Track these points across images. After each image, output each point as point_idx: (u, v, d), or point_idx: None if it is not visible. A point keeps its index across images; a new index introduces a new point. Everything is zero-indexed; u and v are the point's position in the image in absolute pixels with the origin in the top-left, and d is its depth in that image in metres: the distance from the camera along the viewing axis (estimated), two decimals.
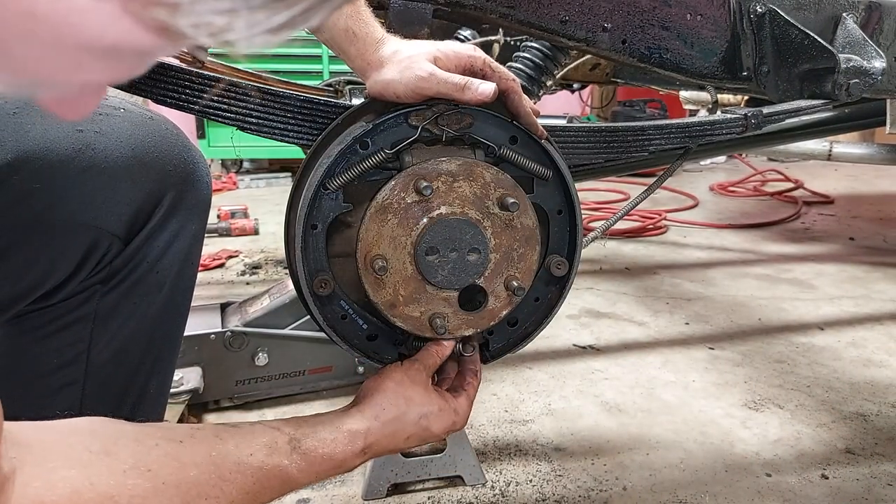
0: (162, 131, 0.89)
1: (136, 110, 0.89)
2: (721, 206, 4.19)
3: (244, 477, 0.65)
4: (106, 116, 0.84)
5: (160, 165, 0.86)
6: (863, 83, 1.08)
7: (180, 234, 0.90)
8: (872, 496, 1.38)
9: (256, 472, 0.67)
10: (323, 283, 0.86)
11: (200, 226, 0.95)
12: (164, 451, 0.60)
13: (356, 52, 0.88)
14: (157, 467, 0.58)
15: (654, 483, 1.43)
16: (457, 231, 0.83)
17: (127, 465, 0.56)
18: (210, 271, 2.89)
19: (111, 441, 0.58)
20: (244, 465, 0.66)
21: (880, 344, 2.14)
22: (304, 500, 1.38)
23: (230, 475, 0.64)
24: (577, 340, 2.17)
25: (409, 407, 0.82)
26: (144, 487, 0.56)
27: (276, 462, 0.69)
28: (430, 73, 0.82)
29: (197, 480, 0.61)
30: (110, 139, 0.82)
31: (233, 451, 0.66)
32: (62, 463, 0.53)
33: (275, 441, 0.71)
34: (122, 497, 0.54)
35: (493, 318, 0.89)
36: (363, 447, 0.77)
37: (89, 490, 0.52)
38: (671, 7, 1.07)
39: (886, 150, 2.54)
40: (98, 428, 0.59)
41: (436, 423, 0.84)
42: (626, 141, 1.04)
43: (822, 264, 2.98)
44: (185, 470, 0.61)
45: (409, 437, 0.82)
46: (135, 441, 0.59)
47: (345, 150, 0.82)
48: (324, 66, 4.71)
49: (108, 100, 0.87)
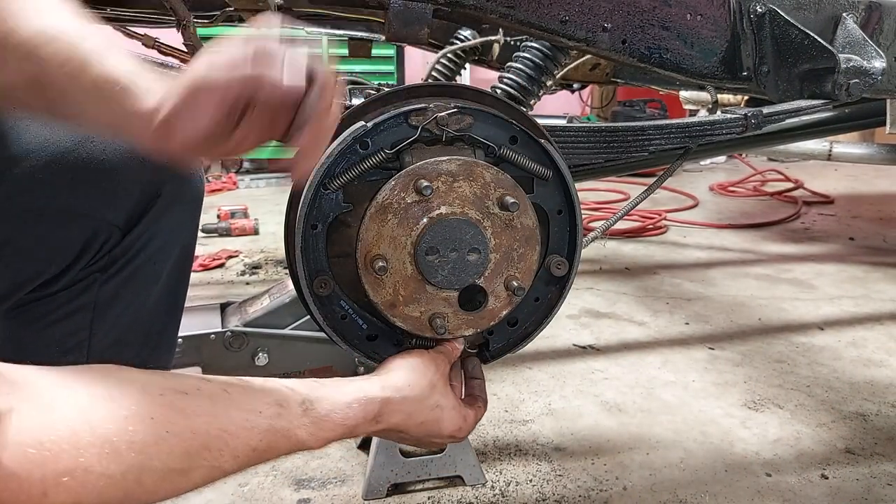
0: None
1: None
2: (721, 206, 4.19)
3: (250, 434, 0.63)
4: None
5: (155, 159, 0.87)
6: (863, 83, 1.08)
7: (178, 226, 0.91)
8: (872, 496, 1.38)
9: (264, 431, 0.65)
10: (323, 283, 0.86)
11: (196, 219, 0.96)
12: (168, 401, 0.58)
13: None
14: (160, 416, 0.56)
15: (654, 483, 1.43)
16: (457, 231, 0.83)
17: (129, 411, 0.55)
18: (210, 271, 2.90)
19: (115, 386, 0.56)
20: (252, 423, 0.64)
21: (880, 344, 2.14)
22: (305, 500, 1.38)
23: (236, 430, 0.62)
24: (577, 340, 2.17)
25: (431, 392, 0.81)
26: (145, 434, 0.55)
27: (284, 424, 0.67)
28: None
29: (200, 431, 0.59)
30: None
31: (241, 407, 0.64)
32: (62, 404, 0.51)
33: (286, 400, 0.68)
34: (121, 442, 0.53)
35: (493, 318, 0.89)
36: (376, 415, 0.75)
37: (88, 433, 0.51)
38: (671, 7, 1.07)
39: (886, 150, 2.55)
40: (103, 373, 0.58)
41: (447, 419, 0.83)
42: (626, 141, 1.04)
43: (822, 264, 2.98)
44: (189, 420, 0.59)
45: (421, 424, 0.80)
46: (140, 389, 0.58)
47: (345, 149, 0.82)
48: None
49: None
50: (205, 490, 1.44)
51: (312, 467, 1.49)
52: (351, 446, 1.56)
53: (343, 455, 1.54)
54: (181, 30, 1.43)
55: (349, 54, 2.03)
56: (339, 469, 1.49)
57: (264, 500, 1.38)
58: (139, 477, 0.54)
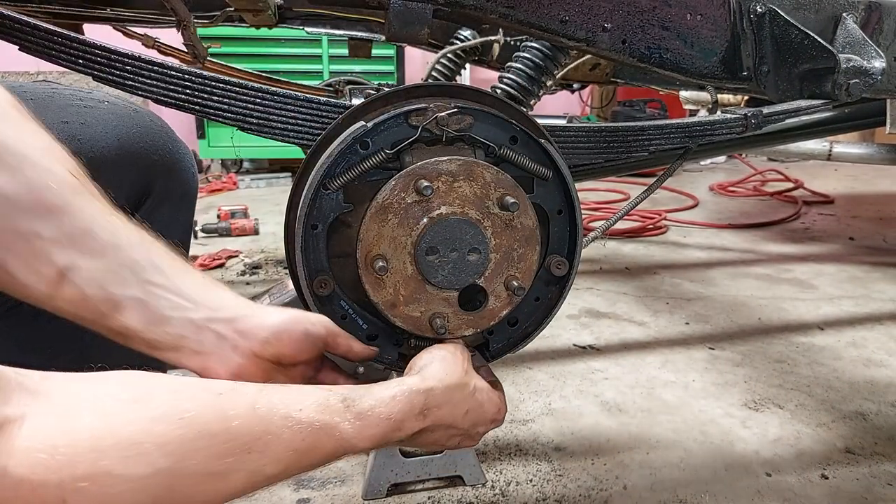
0: (146, 123, 0.89)
1: (121, 103, 0.89)
2: (721, 206, 4.19)
3: (293, 433, 0.59)
4: (91, 109, 0.84)
5: (146, 155, 0.87)
6: (863, 83, 1.08)
7: (171, 223, 0.91)
8: (872, 496, 1.38)
9: (306, 428, 0.60)
10: (323, 283, 0.86)
11: (189, 216, 0.95)
12: (202, 401, 0.55)
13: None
14: (192, 416, 0.53)
15: (654, 482, 1.43)
16: (457, 231, 0.83)
17: (157, 412, 0.52)
18: (210, 271, 2.90)
19: (143, 389, 0.53)
20: (293, 420, 0.60)
21: (880, 344, 2.14)
22: (305, 500, 1.38)
23: (277, 430, 0.58)
24: (577, 340, 2.17)
25: (469, 376, 0.77)
26: (177, 434, 0.51)
27: (328, 419, 0.62)
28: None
29: (239, 432, 0.55)
30: (95, 130, 0.83)
31: (280, 406, 0.60)
32: (84, 409, 0.49)
33: (327, 399, 0.64)
34: (149, 444, 0.50)
35: (493, 318, 0.89)
36: (422, 408, 0.70)
37: (110, 436, 0.48)
38: (671, 7, 1.07)
39: (886, 150, 2.55)
40: (129, 378, 0.55)
41: (487, 402, 0.79)
42: (626, 141, 1.04)
43: (822, 264, 2.98)
44: (226, 421, 0.55)
45: (467, 413, 0.76)
46: (170, 391, 0.55)
47: (345, 150, 0.82)
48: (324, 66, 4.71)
49: (92, 93, 0.88)
50: None
51: None
52: None
53: None
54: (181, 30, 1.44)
55: (349, 54, 2.03)
56: (339, 469, 1.49)
57: (264, 500, 1.38)
58: (170, 481, 0.51)
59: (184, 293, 0.71)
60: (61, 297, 0.65)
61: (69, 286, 0.65)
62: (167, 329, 0.69)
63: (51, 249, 0.63)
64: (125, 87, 0.88)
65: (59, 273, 0.64)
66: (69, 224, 0.65)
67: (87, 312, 0.66)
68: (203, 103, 0.89)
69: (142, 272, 0.68)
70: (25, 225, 0.62)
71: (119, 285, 0.67)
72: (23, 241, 0.62)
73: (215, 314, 0.72)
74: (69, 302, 0.65)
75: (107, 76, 0.88)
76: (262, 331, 0.74)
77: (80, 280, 0.65)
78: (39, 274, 0.64)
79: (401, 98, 0.89)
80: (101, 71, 0.88)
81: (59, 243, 0.64)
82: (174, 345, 0.70)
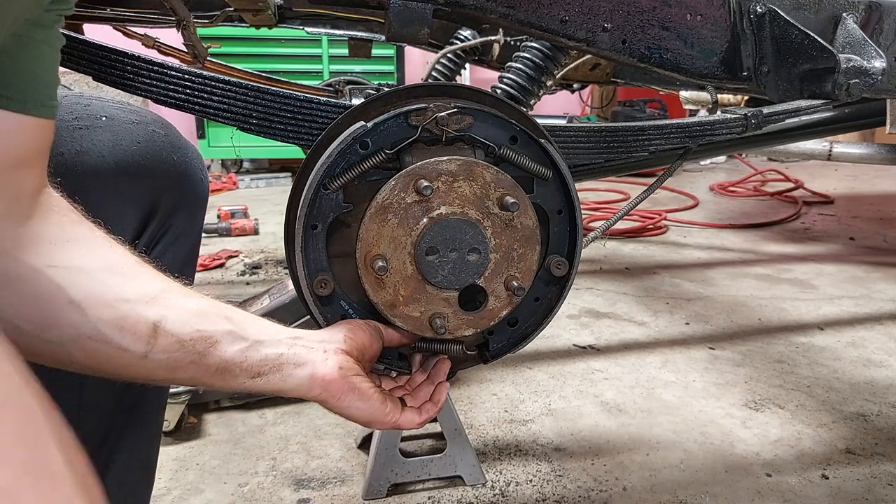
0: (148, 136, 0.87)
1: (121, 116, 0.86)
2: (721, 206, 4.19)
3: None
4: (87, 130, 0.83)
5: (148, 172, 0.85)
6: (863, 83, 1.08)
7: (181, 234, 0.90)
8: (873, 496, 1.38)
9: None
10: (323, 283, 0.86)
11: (200, 221, 0.95)
12: None
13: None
14: None
15: (654, 483, 1.43)
16: (457, 231, 0.83)
17: None
18: (210, 271, 2.90)
19: None
20: None
21: (880, 344, 2.14)
22: (304, 500, 1.38)
23: None
24: (577, 340, 2.17)
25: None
26: None
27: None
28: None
29: None
30: (92, 157, 0.81)
31: None
32: None
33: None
34: None
35: (493, 318, 0.89)
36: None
37: None
38: (671, 7, 1.07)
39: (886, 150, 2.54)
40: None
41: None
42: (626, 141, 1.04)
43: (822, 264, 2.98)
44: None
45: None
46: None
47: (345, 150, 0.82)
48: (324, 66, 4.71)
49: (91, 106, 0.86)
50: (205, 490, 1.45)
51: (312, 467, 1.49)
52: (351, 446, 1.56)
53: (343, 455, 1.54)
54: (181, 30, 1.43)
55: (349, 54, 2.03)
56: (338, 469, 1.49)
57: (264, 500, 1.38)
58: None
59: (262, 322, 0.75)
60: (158, 349, 0.68)
61: (164, 336, 0.68)
62: (264, 351, 0.73)
63: (139, 309, 0.67)
64: (125, 87, 0.88)
65: (152, 327, 0.67)
66: (148, 284, 0.69)
67: (184, 355, 0.69)
68: (203, 103, 0.89)
69: (222, 311, 0.72)
70: (111, 294, 0.66)
71: (209, 323, 0.70)
72: (112, 308, 0.66)
73: (293, 332, 0.77)
74: (165, 351, 0.68)
75: (107, 76, 0.88)
76: (337, 333, 0.79)
77: (172, 327, 0.68)
78: (135, 333, 0.67)
79: (401, 98, 0.89)
80: (101, 71, 0.88)
81: (144, 301, 0.67)
82: (276, 364, 0.73)
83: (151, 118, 0.90)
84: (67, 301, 0.65)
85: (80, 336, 0.65)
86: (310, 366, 0.74)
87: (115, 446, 0.87)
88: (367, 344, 0.81)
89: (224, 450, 1.56)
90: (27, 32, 0.60)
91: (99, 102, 0.87)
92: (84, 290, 0.65)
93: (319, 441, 1.59)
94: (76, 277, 0.65)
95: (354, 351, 0.79)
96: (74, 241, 0.67)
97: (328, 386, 0.74)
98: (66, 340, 0.65)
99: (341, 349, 0.78)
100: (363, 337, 0.81)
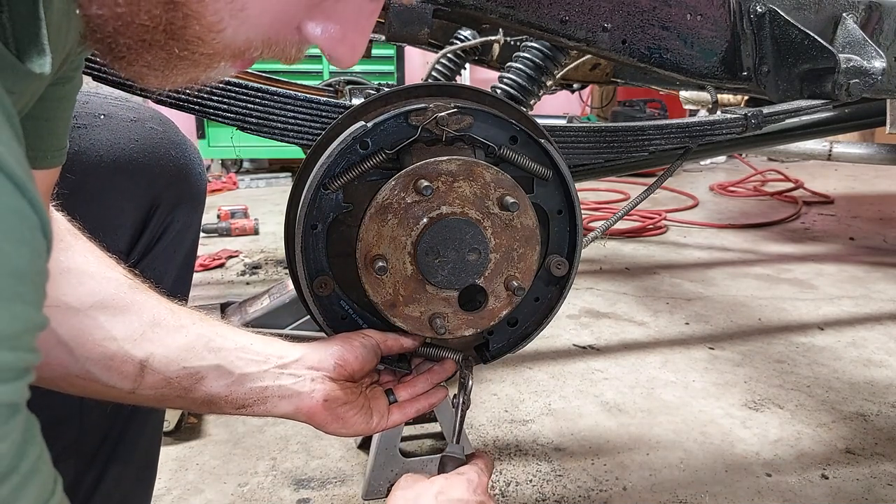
0: (146, 133, 0.87)
1: (119, 113, 0.86)
2: (721, 206, 4.19)
3: None
4: (85, 129, 0.83)
5: (147, 169, 0.85)
6: (863, 83, 1.08)
7: (183, 229, 0.91)
8: (872, 496, 1.38)
9: None
10: (323, 283, 0.86)
11: (199, 216, 0.95)
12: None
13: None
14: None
15: (654, 483, 1.43)
16: (457, 231, 0.83)
17: None
18: (210, 271, 2.90)
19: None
20: None
21: (880, 344, 2.14)
22: (304, 500, 1.38)
23: None
24: (577, 340, 2.17)
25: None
26: None
27: None
28: None
29: None
30: (90, 156, 0.81)
31: None
32: None
33: None
34: None
35: (493, 318, 0.89)
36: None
37: None
38: (671, 7, 1.07)
39: (886, 150, 2.54)
40: None
41: None
42: (626, 141, 1.04)
43: (822, 264, 2.98)
44: None
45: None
46: None
47: (345, 150, 0.82)
48: (324, 66, 4.71)
49: (89, 103, 0.85)
50: (204, 490, 1.45)
51: (312, 467, 1.49)
52: (351, 446, 1.56)
53: (343, 455, 1.54)
54: None
55: None
56: (338, 469, 1.49)
57: (264, 500, 1.38)
58: None
59: (251, 350, 0.75)
60: (145, 386, 0.69)
61: (150, 374, 0.69)
62: (249, 385, 0.74)
63: (127, 347, 0.68)
64: (125, 88, 0.88)
65: (139, 366, 0.68)
66: (137, 320, 0.69)
67: (171, 391, 0.70)
68: (203, 103, 0.89)
69: (210, 342, 0.73)
70: (99, 333, 0.67)
71: (195, 359, 0.71)
72: (100, 347, 0.67)
73: (284, 359, 0.77)
74: (152, 388, 0.69)
75: (106, 76, 0.88)
76: (329, 358, 0.79)
77: (159, 365, 0.69)
78: (122, 372, 0.68)
79: (401, 98, 0.89)
80: (101, 71, 0.88)
81: (132, 340, 0.68)
82: (260, 397, 0.74)
83: (149, 115, 0.90)
84: (56, 341, 0.65)
85: (69, 374, 0.67)
86: (295, 398, 0.76)
87: (115, 446, 0.87)
88: (357, 368, 0.81)
89: (224, 450, 1.56)
90: (47, 94, 0.58)
91: (97, 99, 0.87)
92: (74, 330, 0.66)
93: (319, 441, 1.59)
94: (65, 317, 0.66)
95: (344, 376, 0.80)
96: (67, 274, 0.67)
97: (312, 417, 0.76)
98: (56, 377, 0.66)
99: (329, 377, 0.78)
100: (355, 363, 0.80)
